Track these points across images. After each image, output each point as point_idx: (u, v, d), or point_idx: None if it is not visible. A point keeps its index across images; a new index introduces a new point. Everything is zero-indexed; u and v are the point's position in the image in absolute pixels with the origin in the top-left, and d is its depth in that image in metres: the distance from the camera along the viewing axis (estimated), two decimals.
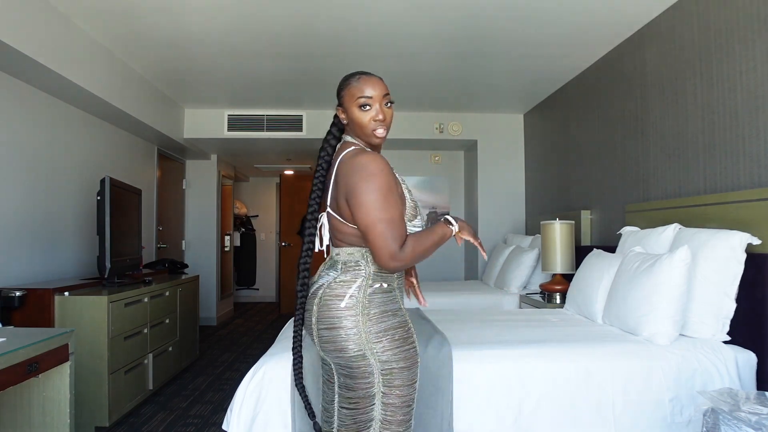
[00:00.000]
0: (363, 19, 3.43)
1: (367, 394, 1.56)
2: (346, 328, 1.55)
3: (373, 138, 1.62)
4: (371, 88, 1.60)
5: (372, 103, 1.59)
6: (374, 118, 1.60)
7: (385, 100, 1.61)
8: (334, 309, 1.57)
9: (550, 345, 2.39)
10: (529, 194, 5.73)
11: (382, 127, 1.61)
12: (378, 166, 1.54)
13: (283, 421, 2.15)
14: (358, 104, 1.60)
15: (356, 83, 1.61)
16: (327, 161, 1.71)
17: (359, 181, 1.52)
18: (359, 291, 1.57)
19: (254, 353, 5.26)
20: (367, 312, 1.56)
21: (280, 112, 5.74)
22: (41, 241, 3.61)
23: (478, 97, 5.26)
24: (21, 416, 2.30)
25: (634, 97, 3.60)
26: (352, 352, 1.55)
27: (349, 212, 1.57)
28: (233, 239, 8.24)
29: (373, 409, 1.56)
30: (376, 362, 1.55)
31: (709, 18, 2.86)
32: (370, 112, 1.60)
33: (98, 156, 4.40)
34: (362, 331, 1.54)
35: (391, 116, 1.64)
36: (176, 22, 3.46)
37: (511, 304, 4.31)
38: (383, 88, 1.62)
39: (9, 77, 3.28)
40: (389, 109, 1.63)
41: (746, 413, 1.70)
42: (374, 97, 1.59)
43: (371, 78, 1.62)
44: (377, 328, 1.55)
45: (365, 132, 1.62)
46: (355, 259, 1.61)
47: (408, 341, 1.59)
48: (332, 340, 1.57)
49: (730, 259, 2.36)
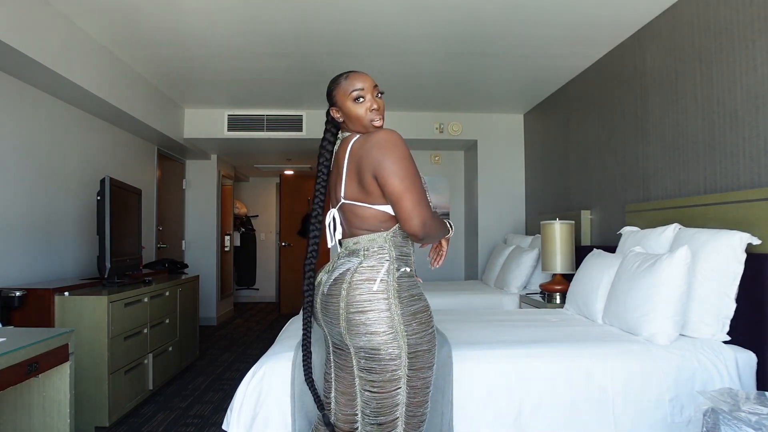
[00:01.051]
0: (363, 19, 3.43)
1: (393, 377, 1.59)
2: (379, 311, 1.58)
3: (371, 128, 1.69)
4: (361, 81, 1.68)
5: (365, 95, 1.68)
6: (370, 108, 1.67)
7: (376, 91, 1.70)
8: (366, 293, 1.60)
9: (550, 345, 2.39)
10: (529, 194, 5.73)
11: (378, 116, 1.69)
12: (398, 137, 1.61)
13: (283, 421, 2.15)
14: (352, 98, 1.67)
15: (345, 80, 1.70)
16: (327, 163, 1.76)
17: (387, 152, 1.58)
18: (388, 275, 1.62)
19: (254, 353, 5.26)
20: (398, 295, 1.61)
21: (280, 112, 5.74)
22: (41, 241, 3.61)
23: (478, 97, 5.26)
24: (21, 416, 2.30)
25: (634, 97, 3.60)
26: (383, 335, 1.58)
27: (377, 189, 1.62)
28: (233, 239, 8.25)
29: (398, 393, 1.60)
30: (405, 345, 1.59)
31: (709, 18, 2.86)
32: (365, 104, 1.67)
33: (98, 156, 4.40)
34: (395, 314, 1.59)
35: (384, 106, 1.71)
36: (176, 22, 3.46)
37: (511, 304, 4.31)
38: (372, 80, 1.71)
39: (9, 77, 3.28)
40: (381, 100, 1.71)
41: (746, 413, 1.70)
42: (366, 88, 1.68)
43: (359, 73, 1.71)
44: (408, 311, 1.61)
45: (363, 123, 1.68)
46: (378, 244, 1.66)
47: (430, 324, 1.65)
48: (364, 322, 1.59)
49: (730, 259, 2.36)
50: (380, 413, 1.61)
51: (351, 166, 1.66)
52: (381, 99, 1.71)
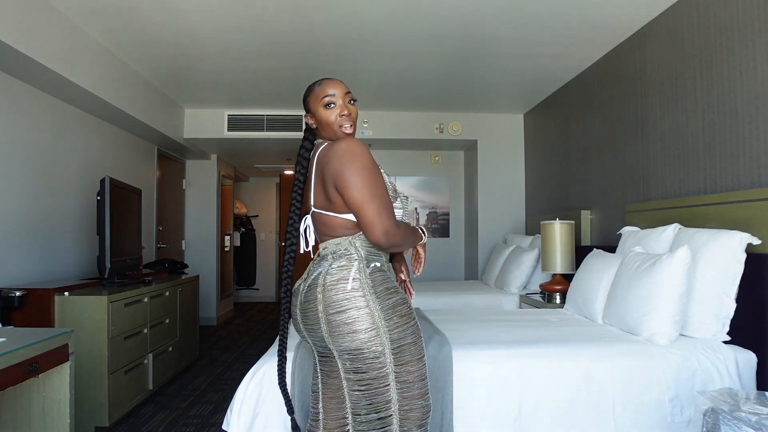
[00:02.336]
0: (363, 19, 3.43)
1: (380, 374, 1.59)
2: (357, 308, 1.58)
3: (341, 134, 1.70)
4: (332, 88, 1.70)
5: (335, 101, 1.69)
6: (340, 114, 1.68)
7: (348, 98, 1.71)
8: (341, 292, 1.60)
9: (550, 345, 2.39)
10: (529, 194, 5.73)
11: (349, 122, 1.69)
12: (359, 146, 1.62)
13: (283, 421, 2.15)
14: (323, 104, 1.70)
15: (318, 87, 1.73)
16: (303, 170, 1.78)
17: (345, 162, 1.59)
18: (360, 273, 1.62)
19: (254, 353, 5.26)
20: (374, 290, 1.61)
21: (280, 112, 5.74)
22: (41, 241, 3.61)
23: (478, 97, 5.26)
24: (21, 416, 2.30)
25: (634, 97, 3.60)
26: (366, 332, 1.58)
27: (340, 199, 1.63)
28: (233, 239, 8.24)
29: (388, 390, 1.60)
30: (387, 340, 1.58)
31: (709, 18, 2.86)
32: (335, 110, 1.69)
33: (98, 156, 4.40)
34: (374, 309, 1.59)
35: (356, 113, 1.73)
36: (176, 22, 3.46)
37: (511, 304, 4.31)
38: (344, 87, 1.72)
39: (9, 77, 3.28)
40: (353, 106, 1.72)
41: (746, 413, 1.70)
42: (336, 95, 1.69)
43: (331, 80, 1.73)
44: (386, 305, 1.61)
45: (333, 129, 1.70)
46: (343, 247, 1.67)
47: (411, 316, 1.65)
48: (345, 322, 1.59)
49: (730, 259, 2.36)
50: (373, 410, 1.61)
51: (317, 175, 1.70)
52: (353, 106, 1.72)
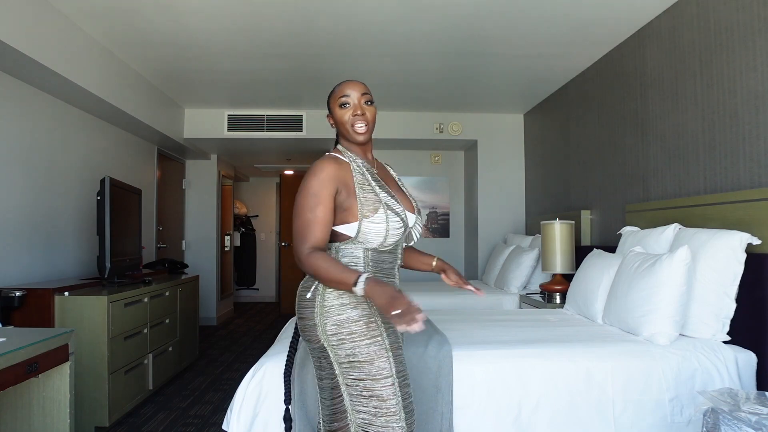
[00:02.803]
0: (363, 19, 3.43)
1: (333, 384, 1.60)
2: (307, 319, 1.62)
3: (354, 134, 1.69)
4: (350, 88, 1.70)
5: (350, 101, 1.69)
6: (353, 114, 1.68)
7: (365, 99, 1.70)
8: (302, 300, 1.66)
9: (550, 345, 2.39)
10: (529, 194, 5.73)
11: (362, 121, 1.68)
12: (315, 169, 1.62)
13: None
14: (339, 104, 1.70)
15: (338, 88, 1.73)
16: None
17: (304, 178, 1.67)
18: (318, 285, 1.62)
19: (254, 353, 5.26)
20: (323, 304, 1.60)
21: (280, 112, 5.74)
22: (41, 241, 3.61)
23: (478, 97, 5.26)
24: (21, 416, 2.30)
25: (634, 97, 3.60)
26: (314, 343, 1.62)
27: None
28: (233, 239, 8.24)
29: (342, 401, 1.60)
30: (333, 354, 1.58)
31: (709, 18, 2.86)
32: (349, 110, 1.69)
33: (98, 156, 4.40)
34: (319, 323, 1.59)
35: (373, 114, 1.71)
36: (176, 22, 3.46)
37: (511, 304, 4.31)
38: (362, 88, 1.71)
39: (9, 77, 3.28)
40: (369, 107, 1.70)
41: (746, 413, 1.70)
42: (352, 95, 1.69)
43: (351, 81, 1.74)
44: (333, 321, 1.58)
45: (347, 129, 1.70)
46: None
47: (368, 335, 1.57)
48: (302, 329, 1.66)
49: (730, 259, 2.36)
50: (333, 419, 1.61)
51: None
52: (370, 106, 1.70)
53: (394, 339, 1.64)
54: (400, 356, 1.63)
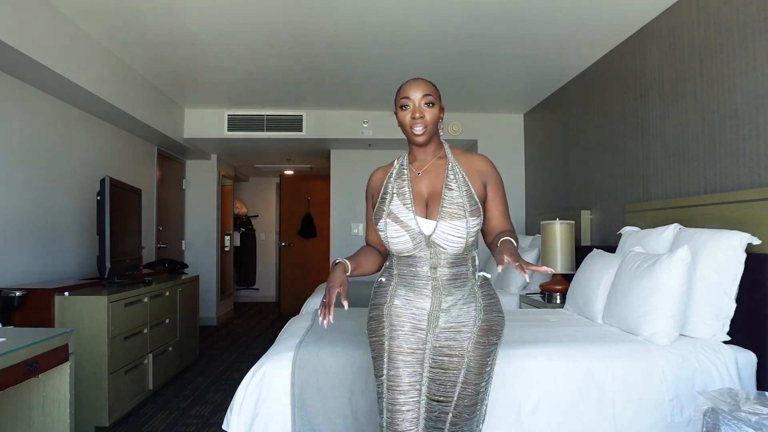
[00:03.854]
0: (363, 19, 3.43)
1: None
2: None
3: (413, 136, 1.71)
4: (412, 89, 1.70)
5: (410, 103, 1.70)
6: (412, 116, 1.69)
7: (425, 101, 1.69)
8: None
9: (550, 345, 2.39)
10: (529, 194, 5.73)
11: (420, 124, 1.69)
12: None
13: (283, 421, 2.15)
14: (400, 105, 1.72)
15: (402, 87, 1.73)
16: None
17: None
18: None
19: (254, 353, 5.26)
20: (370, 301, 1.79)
21: (280, 112, 5.74)
22: (41, 241, 3.61)
23: (478, 97, 5.26)
24: (21, 416, 2.30)
25: (634, 97, 3.60)
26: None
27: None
28: (233, 239, 8.24)
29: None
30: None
31: (709, 18, 2.86)
32: (409, 112, 1.70)
33: (98, 156, 4.40)
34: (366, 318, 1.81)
35: (434, 116, 1.70)
36: (176, 22, 3.46)
37: (511, 304, 4.31)
38: (424, 89, 1.70)
39: (9, 77, 3.28)
40: (429, 109, 1.69)
41: (746, 413, 1.70)
42: (412, 97, 1.69)
43: (414, 80, 1.73)
44: (368, 317, 1.78)
45: (407, 130, 1.72)
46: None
47: (377, 333, 1.72)
48: None
49: (730, 259, 2.36)
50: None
51: None
52: (431, 108, 1.69)
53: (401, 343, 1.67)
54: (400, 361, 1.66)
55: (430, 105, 1.69)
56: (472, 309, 1.67)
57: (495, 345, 1.70)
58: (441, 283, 1.66)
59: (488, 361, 1.68)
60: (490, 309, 1.69)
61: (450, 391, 1.64)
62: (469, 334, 1.66)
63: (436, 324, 1.66)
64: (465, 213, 1.63)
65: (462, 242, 1.64)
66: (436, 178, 1.72)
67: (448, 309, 1.66)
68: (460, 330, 1.66)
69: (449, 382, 1.64)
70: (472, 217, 1.64)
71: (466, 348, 1.65)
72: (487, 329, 1.67)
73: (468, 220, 1.63)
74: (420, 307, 1.68)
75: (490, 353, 1.68)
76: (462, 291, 1.68)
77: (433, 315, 1.66)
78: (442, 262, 1.66)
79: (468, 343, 1.65)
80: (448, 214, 1.64)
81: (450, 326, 1.66)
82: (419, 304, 1.68)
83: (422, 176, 1.72)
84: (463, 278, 1.68)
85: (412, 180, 1.72)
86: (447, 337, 1.66)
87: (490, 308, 1.69)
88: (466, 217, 1.63)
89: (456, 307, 1.67)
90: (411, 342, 1.67)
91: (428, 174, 1.73)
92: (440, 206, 1.66)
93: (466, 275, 1.69)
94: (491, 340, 1.68)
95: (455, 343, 1.66)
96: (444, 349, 1.66)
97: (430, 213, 1.67)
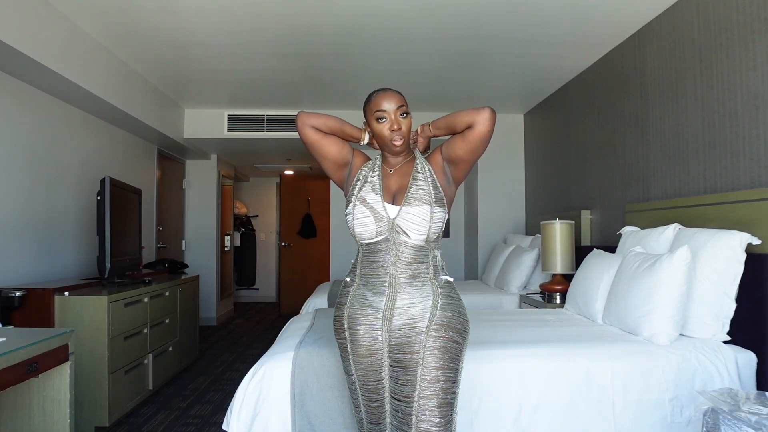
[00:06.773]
0: (363, 20, 3.43)
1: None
2: None
3: (392, 147, 1.74)
4: (386, 101, 1.72)
5: (386, 116, 1.71)
6: (390, 128, 1.72)
7: (400, 111, 1.72)
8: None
9: (550, 345, 2.39)
10: (529, 194, 5.73)
11: (399, 136, 1.72)
12: None
13: (283, 421, 2.15)
14: (375, 117, 1.73)
15: (374, 98, 1.74)
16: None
17: None
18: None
19: (254, 353, 5.26)
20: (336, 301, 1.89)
21: (280, 112, 5.74)
22: (41, 241, 3.61)
23: (478, 97, 5.26)
24: (21, 416, 2.30)
25: (634, 97, 3.60)
26: None
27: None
28: (233, 239, 8.24)
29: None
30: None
31: (709, 18, 2.86)
32: (386, 124, 1.72)
33: (98, 156, 4.40)
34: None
35: (408, 125, 1.75)
36: (176, 22, 3.46)
37: (511, 304, 4.31)
38: (398, 100, 1.72)
39: (9, 77, 3.28)
40: (404, 120, 1.73)
41: (746, 413, 1.70)
42: (388, 110, 1.71)
43: (386, 92, 1.74)
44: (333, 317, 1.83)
45: (385, 142, 1.75)
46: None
47: (339, 334, 1.78)
48: None
49: (730, 259, 2.36)
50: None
51: None
52: (405, 119, 1.72)
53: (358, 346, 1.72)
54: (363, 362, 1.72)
55: (404, 115, 1.73)
56: (428, 306, 1.66)
57: (457, 343, 1.65)
58: (398, 280, 1.68)
59: (448, 357, 1.63)
60: (448, 307, 1.67)
61: (411, 391, 1.62)
62: (424, 329, 1.64)
63: (390, 322, 1.67)
64: (430, 200, 1.69)
65: (425, 229, 1.66)
66: (405, 174, 1.78)
67: (403, 307, 1.67)
68: (414, 326, 1.65)
69: (408, 381, 1.63)
70: (437, 207, 1.69)
71: (422, 344, 1.64)
72: (442, 324, 1.64)
73: (433, 207, 1.67)
74: (375, 307, 1.69)
75: (450, 350, 1.63)
76: (419, 291, 1.68)
77: (387, 313, 1.67)
78: (402, 256, 1.68)
79: (423, 337, 1.64)
80: (413, 199, 1.69)
81: (403, 323, 1.66)
82: (375, 303, 1.69)
83: (393, 174, 1.79)
84: (422, 278, 1.69)
85: (383, 176, 1.79)
86: (402, 333, 1.66)
87: (448, 307, 1.67)
88: (431, 204, 1.68)
89: (411, 305, 1.67)
90: (368, 343, 1.70)
91: (399, 172, 1.79)
92: (406, 194, 1.72)
93: (426, 275, 1.69)
94: (449, 335, 1.64)
95: (410, 340, 1.65)
96: (401, 346, 1.66)
97: (397, 202, 1.73)
